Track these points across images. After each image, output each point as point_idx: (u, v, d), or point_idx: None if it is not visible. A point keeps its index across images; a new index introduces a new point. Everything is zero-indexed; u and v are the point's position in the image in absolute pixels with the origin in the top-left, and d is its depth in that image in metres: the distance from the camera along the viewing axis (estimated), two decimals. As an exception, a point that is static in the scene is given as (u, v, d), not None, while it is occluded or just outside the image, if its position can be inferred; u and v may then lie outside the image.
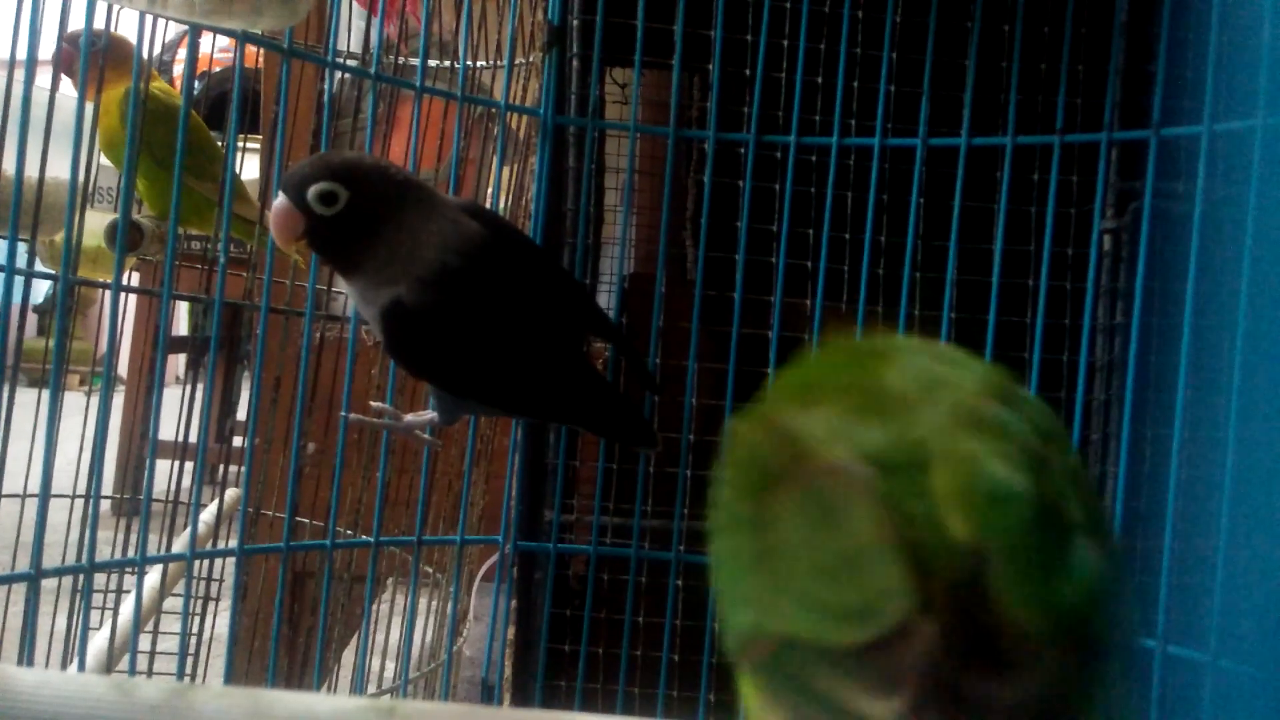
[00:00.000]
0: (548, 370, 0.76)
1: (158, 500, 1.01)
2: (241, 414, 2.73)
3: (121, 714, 0.37)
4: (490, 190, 1.18)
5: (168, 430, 1.13)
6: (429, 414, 0.81)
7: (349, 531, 1.09)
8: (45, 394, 0.73)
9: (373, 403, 0.85)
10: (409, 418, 0.83)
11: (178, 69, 2.17)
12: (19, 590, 0.74)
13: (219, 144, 1.25)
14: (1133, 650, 0.36)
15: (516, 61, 1.03)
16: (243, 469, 1.24)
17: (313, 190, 0.70)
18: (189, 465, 1.11)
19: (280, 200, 0.71)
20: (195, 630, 1.19)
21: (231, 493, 1.39)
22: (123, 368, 2.73)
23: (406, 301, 0.72)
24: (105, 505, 1.69)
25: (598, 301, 0.95)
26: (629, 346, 0.87)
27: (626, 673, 0.95)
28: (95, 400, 0.82)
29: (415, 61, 0.90)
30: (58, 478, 0.74)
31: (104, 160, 1.17)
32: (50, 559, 0.74)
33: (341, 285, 1.22)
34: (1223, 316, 0.74)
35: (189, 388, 1.15)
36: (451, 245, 0.73)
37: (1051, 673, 0.33)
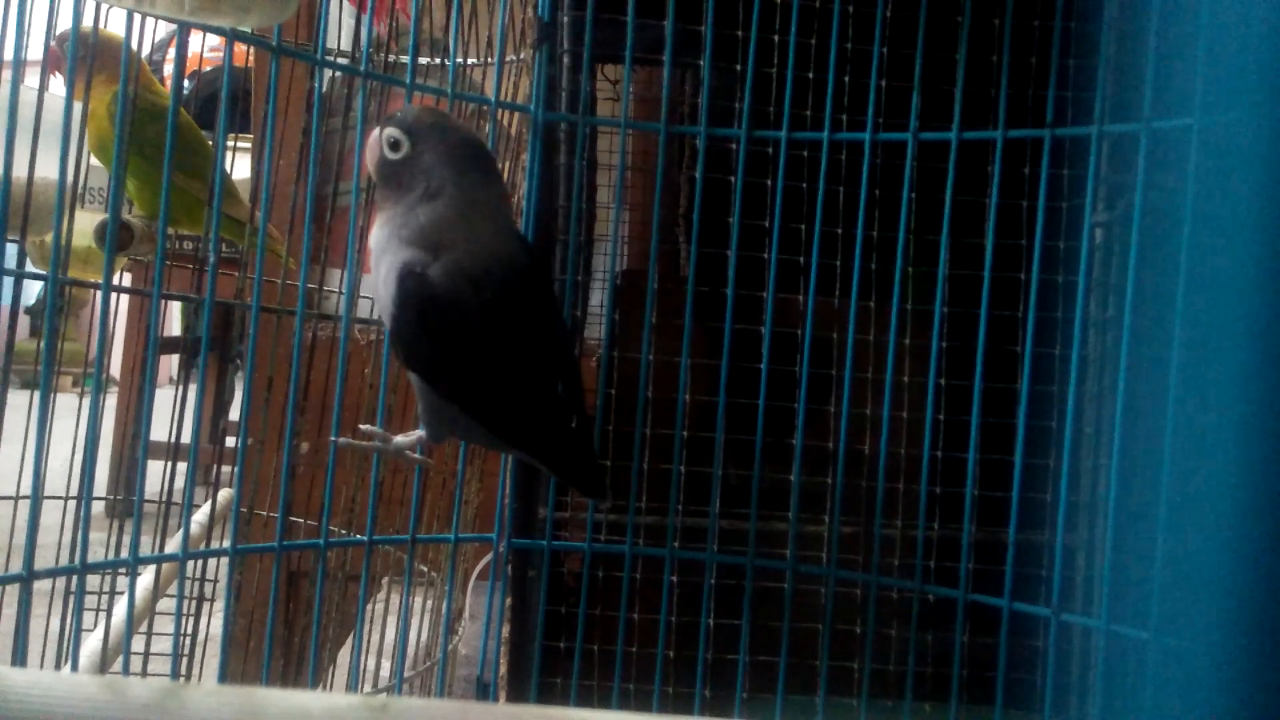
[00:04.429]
0: (530, 392, 0.76)
1: (150, 501, 1.01)
2: (234, 414, 2.72)
3: (113, 713, 0.37)
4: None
5: (160, 431, 1.13)
6: (417, 433, 0.82)
7: (343, 531, 1.09)
8: (37, 395, 0.73)
9: (362, 425, 0.84)
10: (398, 439, 0.83)
11: (168, 68, 2.16)
12: (11, 592, 0.74)
13: (210, 143, 1.25)
14: None
15: (507, 58, 1.03)
16: (235, 469, 1.24)
17: (387, 133, 0.75)
18: (182, 466, 1.11)
19: (374, 132, 0.77)
20: (189, 631, 1.19)
21: (225, 493, 1.39)
22: (115, 369, 2.73)
23: (430, 274, 0.72)
24: (98, 506, 1.68)
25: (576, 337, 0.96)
26: (580, 403, 0.84)
27: (622, 669, 0.95)
28: (88, 401, 0.82)
29: (405, 59, 0.90)
30: (50, 479, 0.74)
31: (94, 160, 1.16)
32: (43, 560, 0.74)
33: (333, 284, 1.22)
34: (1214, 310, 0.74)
35: (181, 388, 1.15)
36: (503, 232, 0.75)
37: None
